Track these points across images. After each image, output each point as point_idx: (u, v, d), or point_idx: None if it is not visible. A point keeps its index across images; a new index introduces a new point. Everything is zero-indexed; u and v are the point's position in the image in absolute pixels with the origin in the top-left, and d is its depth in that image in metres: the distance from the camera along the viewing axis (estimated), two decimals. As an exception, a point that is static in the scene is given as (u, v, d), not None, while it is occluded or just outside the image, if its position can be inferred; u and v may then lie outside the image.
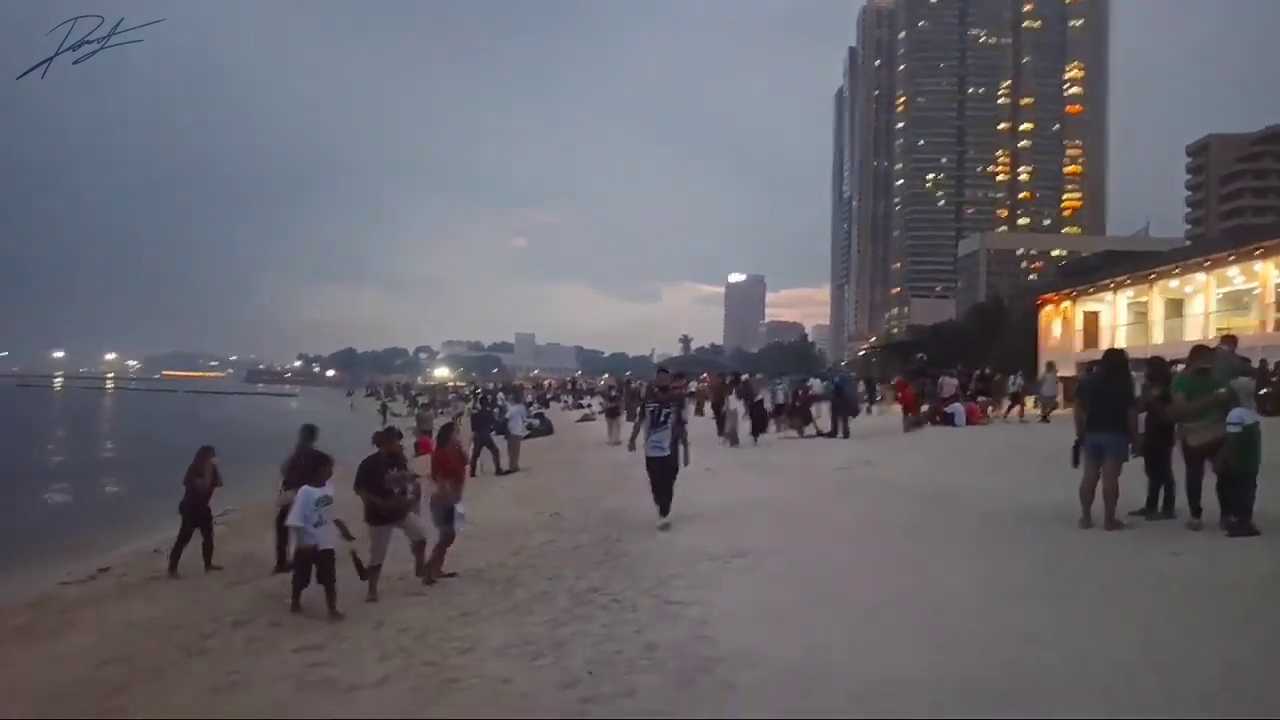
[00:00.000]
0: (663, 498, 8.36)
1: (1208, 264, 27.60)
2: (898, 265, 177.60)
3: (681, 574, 6.35)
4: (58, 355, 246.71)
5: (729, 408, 17.57)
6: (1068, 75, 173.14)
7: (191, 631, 6.42)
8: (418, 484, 7.23)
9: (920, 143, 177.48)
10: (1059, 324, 36.51)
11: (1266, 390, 15.01)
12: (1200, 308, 28.20)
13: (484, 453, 16.03)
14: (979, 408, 20.93)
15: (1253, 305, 26.57)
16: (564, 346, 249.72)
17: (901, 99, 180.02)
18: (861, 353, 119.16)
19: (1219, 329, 24.09)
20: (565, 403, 45.72)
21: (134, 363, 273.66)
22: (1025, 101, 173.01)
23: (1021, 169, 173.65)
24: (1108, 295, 33.07)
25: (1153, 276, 30.33)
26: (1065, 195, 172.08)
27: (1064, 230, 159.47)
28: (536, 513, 10.54)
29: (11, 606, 8.10)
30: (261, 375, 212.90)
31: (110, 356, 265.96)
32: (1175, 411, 7.26)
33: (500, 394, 38.27)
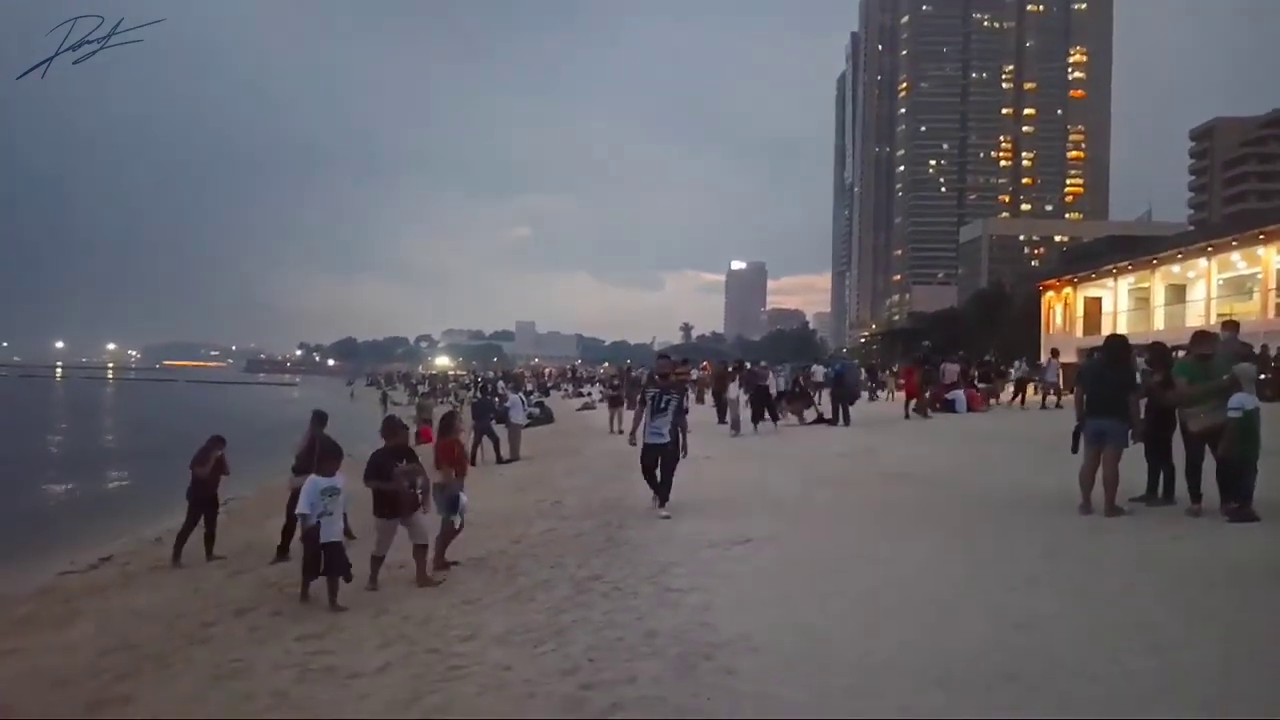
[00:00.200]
0: (662, 486, 8.30)
1: (1210, 249, 27.52)
2: (899, 252, 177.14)
3: (682, 561, 6.36)
4: (58, 345, 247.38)
5: (731, 396, 17.55)
6: (1071, 59, 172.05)
7: (194, 620, 6.47)
8: (426, 479, 7.12)
9: (922, 128, 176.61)
10: (1061, 310, 36.48)
11: (1266, 376, 14.98)
12: (1202, 293, 28.15)
13: (484, 441, 16.06)
14: (980, 395, 20.92)
15: (1255, 290, 26.52)
16: (565, 335, 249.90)
17: (904, 84, 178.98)
18: (863, 340, 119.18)
19: (1221, 314, 24.08)
20: (566, 391, 45.76)
21: (134, 353, 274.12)
22: (1028, 86, 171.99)
23: (1024, 154, 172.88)
24: (1109, 281, 33.01)
25: (1155, 262, 30.26)
26: (1068, 180, 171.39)
27: (1067, 216, 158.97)
28: (537, 501, 10.55)
29: (15, 595, 8.16)
30: (262, 365, 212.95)
31: (111, 346, 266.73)
32: (1177, 396, 7.25)
33: (500, 382, 38.26)
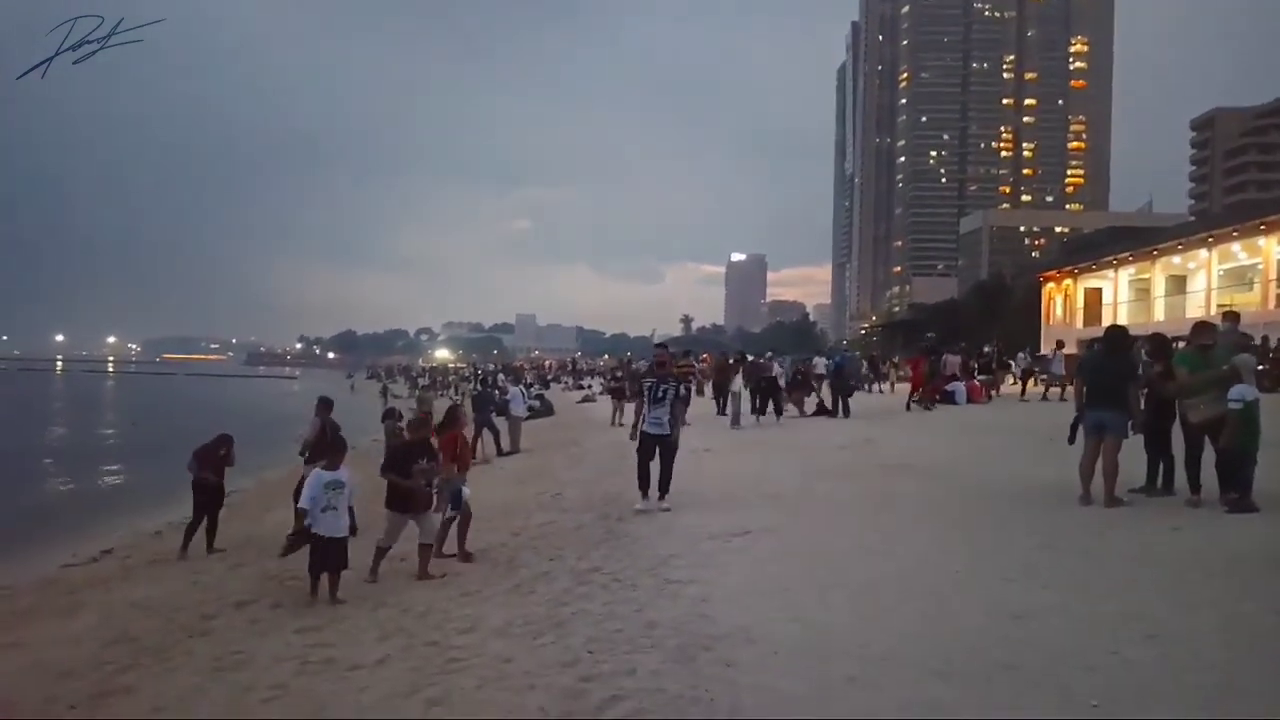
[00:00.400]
0: (662, 478, 8.27)
1: (1210, 240, 27.45)
2: (900, 243, 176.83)
3: (682, 553, 6.37)
4: (58, 339, 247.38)
5: (734, 389, 17.43)
6: (1072, 49, 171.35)
7: (194, 612, 6.48)
8: (444, 478, 7.09)
9: (923, 119, 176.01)
10: (1061, 301, 36.45)
11: (1264, 366, 14.96)
12: (1202, 284, 28.08)
13: (485, 434, 16.06)
14: (980, 386, 20.91)
15: (1256, 281, 26.46)
16: (565, 327, 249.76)
17: (904, 74, 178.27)
18: (863, 331, 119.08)
19: (1221, 305, 24.04)
20: (566, 384, 45.78)
21: (134, 346, 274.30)
22: (1029, 76, 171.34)
23: (1025, 145, 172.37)
24: (1110, 272, 32.96)
25: (1155, 253, 30.20)
26: (1069, 171, 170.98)
27: (1067, 206, 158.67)
28: (537, 493, 10.57)
29: (17, 588, 8.18)
30: (262, 358, 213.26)
31: (111, 340, 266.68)
32: (1177, 387, 7.24)
33: (501, 375, 38.25)
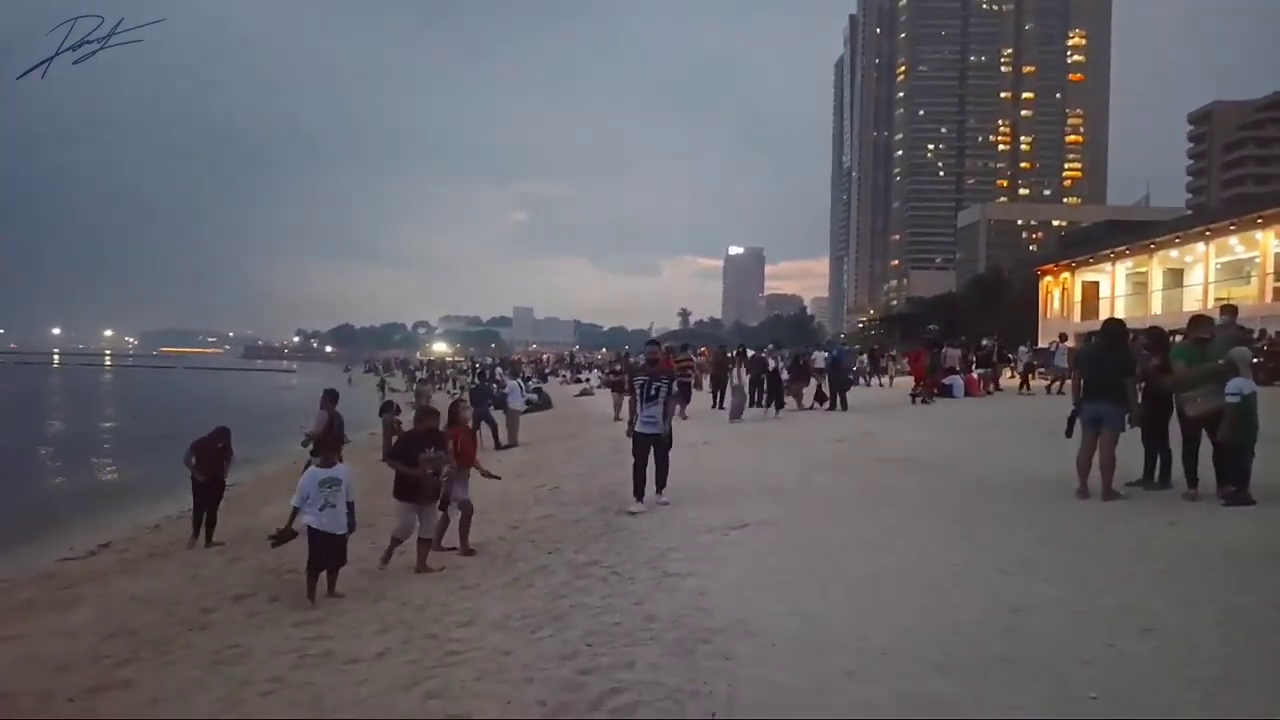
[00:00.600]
0: (659, 473, 8.29)
1: (1208, 233, 27.47)
2: (897, 237, 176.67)
3: (680, 546, 6.37)
4: (55, 332, 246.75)
5: (734, 382, 17.39)
6: (1070, 42, 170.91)
7: (193, 606, 6.49)
8: (453, 467, 7.02)
9: (920, 112, 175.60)
10: (1059, 295, 36.48)
11: (1259, 359, 14.99)
12: (1200, 277, 28.12)
13: (482, 428, 16.05)
14: (979, 380, 20.92)
15: (1253, 274, 26.51)
16: (562, 321, 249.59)
17: (902, 67, 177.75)
18: (861, 325, 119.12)
19: (1218, 299, 24.07)
20: (564, 377, 45.77)
21: (132, 339, 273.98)
22: (1027, 69, 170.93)
23: (1023, 138, 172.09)
24: (1107, 265, 32.98)
25: (1152, 246, 30.22)
26: (1066, 165, 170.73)
27: (1065, 200, 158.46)
28: (536, 487, 10.57)
29: (16, 581, 8.19)
30: (260, 351, 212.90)
31: (108, 333, 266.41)
32: (1174, 380, 7.24)
33: (499, 369, 38.21)
